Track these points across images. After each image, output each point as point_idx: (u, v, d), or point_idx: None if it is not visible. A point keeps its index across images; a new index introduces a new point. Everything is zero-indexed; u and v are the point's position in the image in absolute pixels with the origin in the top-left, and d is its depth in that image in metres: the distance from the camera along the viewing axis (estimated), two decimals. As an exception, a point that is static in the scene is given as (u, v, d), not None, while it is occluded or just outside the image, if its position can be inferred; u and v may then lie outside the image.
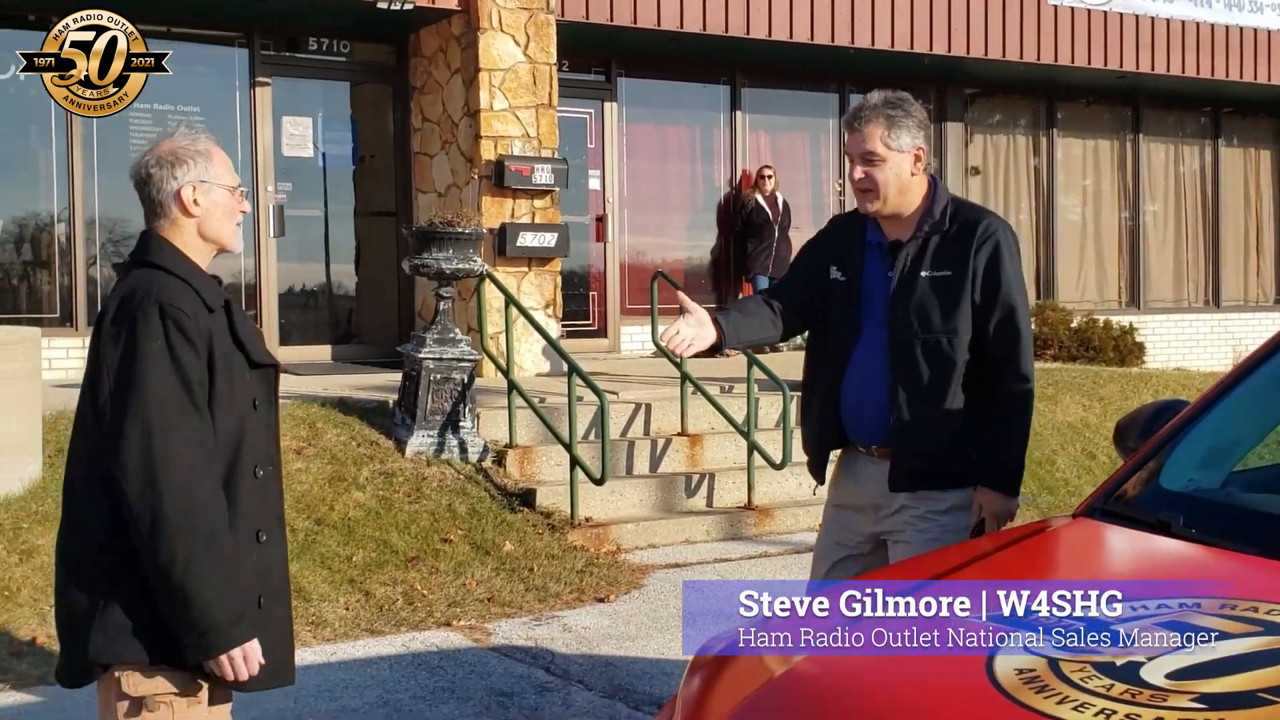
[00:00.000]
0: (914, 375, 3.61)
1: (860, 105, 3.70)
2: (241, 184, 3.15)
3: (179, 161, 3.02)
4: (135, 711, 2.90)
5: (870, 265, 3.73)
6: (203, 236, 3.07)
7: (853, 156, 3.67)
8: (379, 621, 6.38)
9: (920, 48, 13.00)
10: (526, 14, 10.59)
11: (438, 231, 8.12)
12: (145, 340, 2.85)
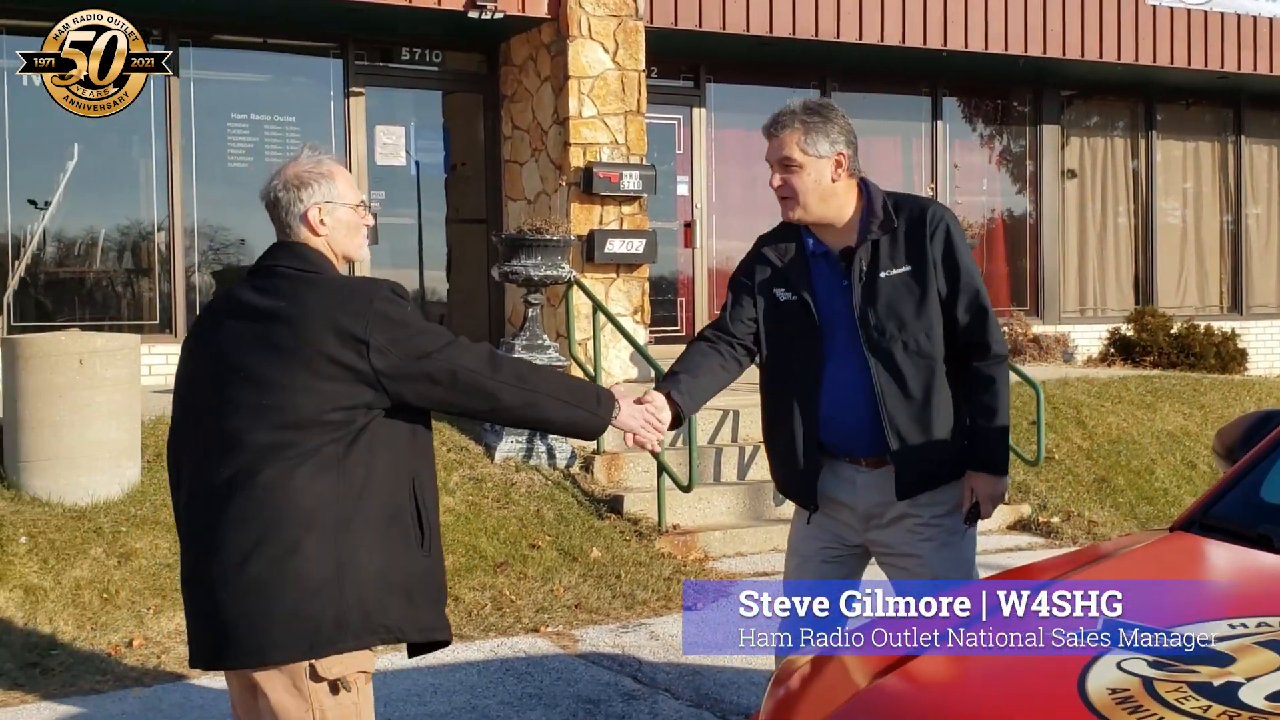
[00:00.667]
0: (899, 379, 3.56)
1: (778, 112, 3.63)
2: (364, 199, 3.29)
3: (304, 184, 3.17)
4: (334, 691, 2.96)
5: (820, 278, 3.65)
6: (332, 252, 3.21)
7: (770, 163, 3.62)
8: (468, 626, 6.42)
9: (1015, 49, 12.81)
10: (615, 21, 10.61)
11: (526, 239, 8.16)
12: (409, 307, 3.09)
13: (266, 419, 3.02)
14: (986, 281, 13.65)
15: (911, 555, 3.62)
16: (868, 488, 3.62)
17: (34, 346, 6.94)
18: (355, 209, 3.21)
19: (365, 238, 3.26)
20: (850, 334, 3.58)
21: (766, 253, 3.74)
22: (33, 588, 6.23)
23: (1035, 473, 9.13)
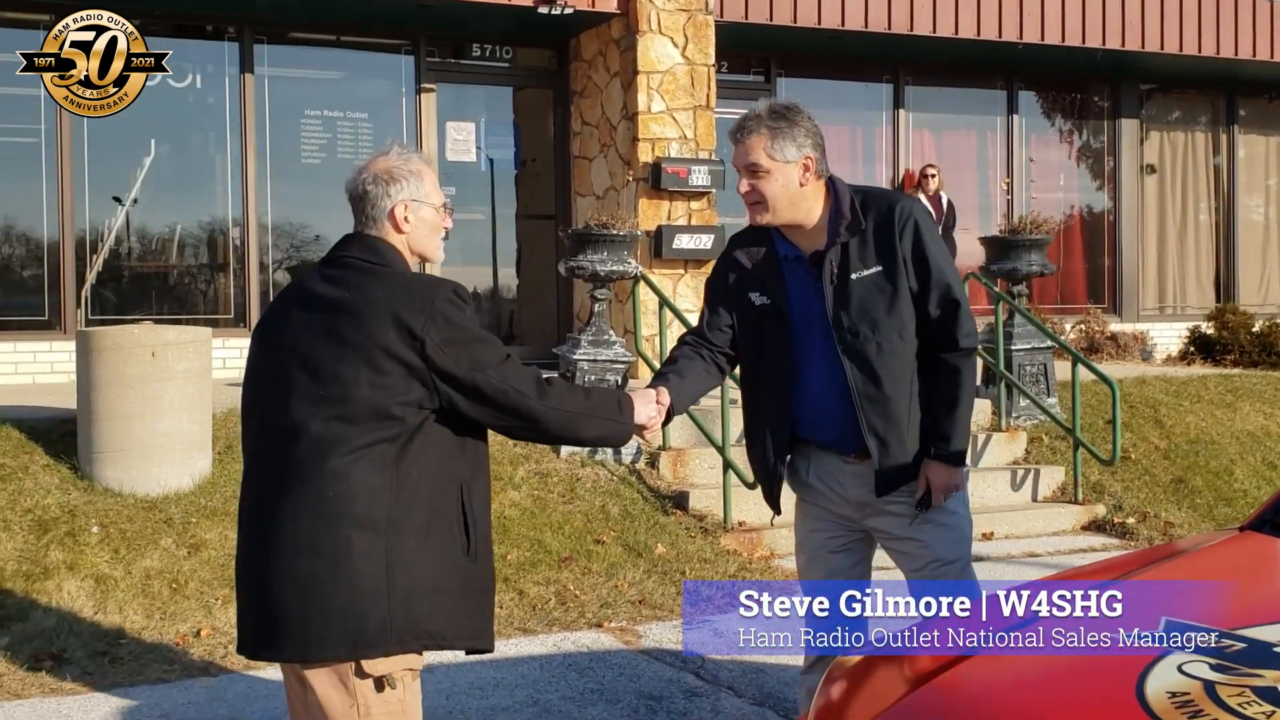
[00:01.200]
0: (874, 381, 3.59)
1: (744, 116, 3.62)
2: (447, 201, 3.28)
3: (393, 180, 3.17)
4: (380, 688, 2.98)
5: (793, 281, 3.67)
6: (410, 250, 3.21)
7: (738, 169, 3.61)
8: (531, 620, 6.42)
9: (1093, 42, 12.59)
10: (685, 15, 10.57)
11: (593, 234, 8.15)
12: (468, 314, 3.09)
13: (324, 410, 3.02)
14: (1064, 277, 13.55)
15: (911, 539, 3.70)
16: (856, 478, 3.70)
17: (107, 339, 7.04)
18: (438, 210, 3.22)
19: (443, 240, 3.26)
20: (824, 336, 3.62)
21: (738, 257, 3.75)
22: (103, 577, 6.32)
23: (1111, 473, 8.96)
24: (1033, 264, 9.71)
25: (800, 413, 3.71)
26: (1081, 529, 8.58)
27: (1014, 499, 8.81)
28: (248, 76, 10.73)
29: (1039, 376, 9.59)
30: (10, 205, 10.43)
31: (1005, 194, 13.64)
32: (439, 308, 3.02)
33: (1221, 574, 2.62)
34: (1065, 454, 9.12)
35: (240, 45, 10.73)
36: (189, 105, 10.86)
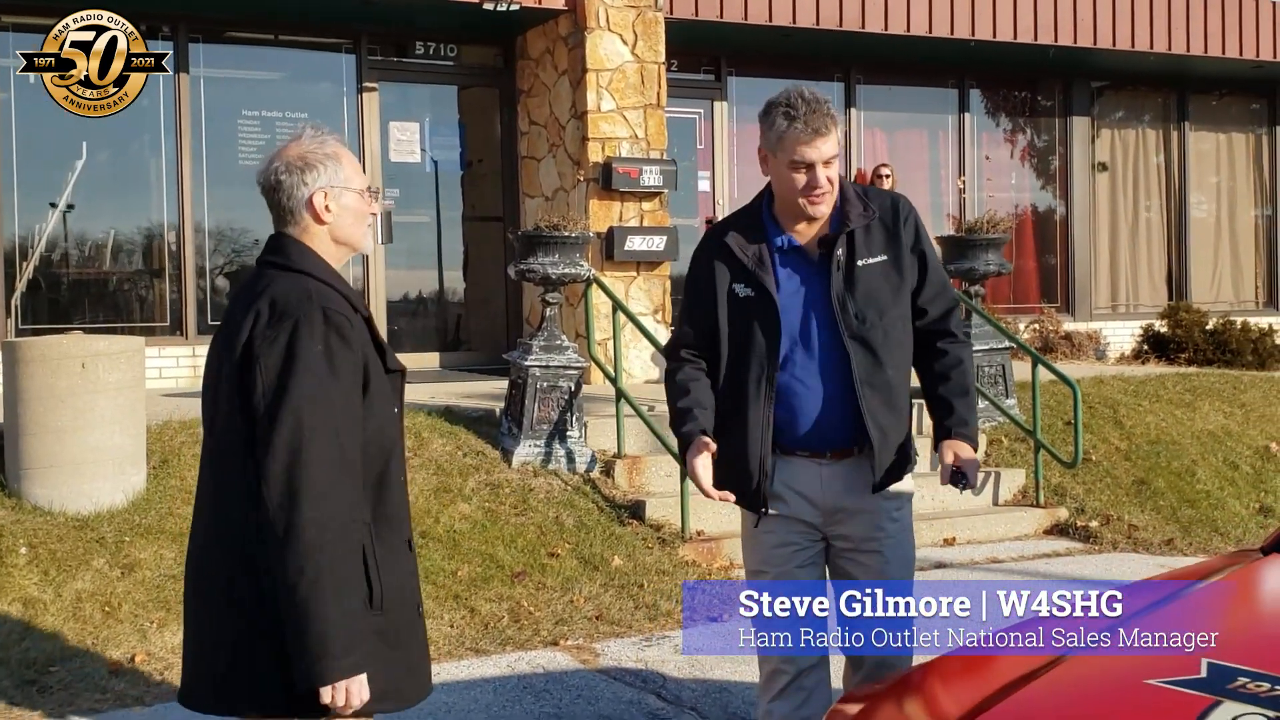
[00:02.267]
0: (878, 368, 3.54)
1: (814, 106, 3.50)
2: (371, 184, 3.03)
3: (309, 167, 2.92)
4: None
5: (786, 271, 3.58)
6: (335, 241, 2.96)
7: (813, 162, 3.47)
8: (484, 640, 6.15)
9: (1045, 39, 12.49)
10: (634, 12, 10.34)
11: (543, 236, 7.89)
12: (306, 346, 2.73)
13: (215, 439, 2.86)
14: (1016, 276, 13.43)
15: (873, 552, 3.61)
16: (833, 480, 3.59)
17: (35, 350, 6.70)
18: (362, 195, 2.97)
19: (371, 228, 3.01)
20: (825, 324, 3.53)
21: (731, 245, 3.61)
22: (32, 600, 5.99)
23: (1072, 475, 8.82)
24: (990, 263, 9.56)
25: (778, 411, 3.57)
26: (1044, 533, 8.43)
27: (975, 503, 8.63)
28: (183, 76, 10.38)
29: (997, 378, 9.43)
30: (-66, 210, 10.02)
31: (960, 193, 13.52)
32: (298, 311, 2.75)
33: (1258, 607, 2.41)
34: (1026, 456, 8.97)
35: (175, 44, 10.37)
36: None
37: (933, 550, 7.92)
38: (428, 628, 6.02)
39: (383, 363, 2.90)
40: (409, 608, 2.91)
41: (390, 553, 2.84)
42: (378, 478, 2.83)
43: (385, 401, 2.88)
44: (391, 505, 2.86)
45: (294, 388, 2.70)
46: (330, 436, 2.70)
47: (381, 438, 2.84)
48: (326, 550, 2.65)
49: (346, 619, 2.67)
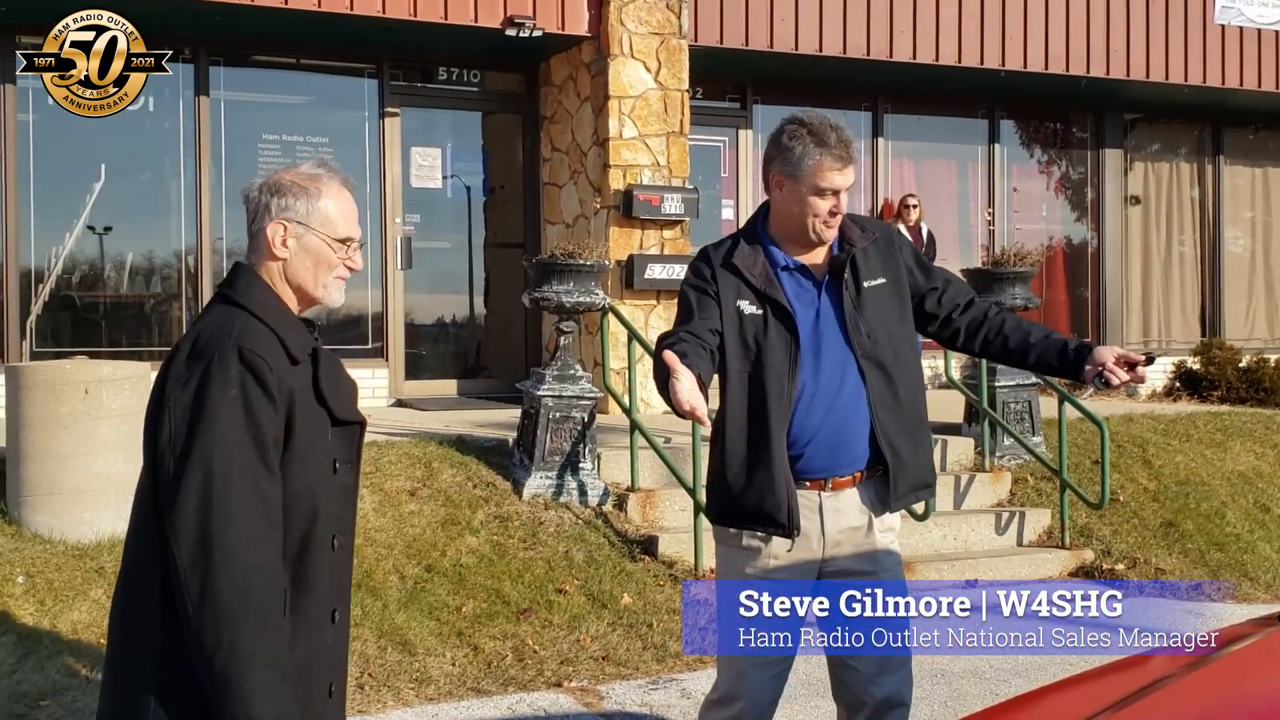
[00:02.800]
0: (891, 388, 3.52)
1: (842, 135, 3.51)
2: (355, 239, 2.74)
3: (280, 192, 2.69)
4: None
5: (794, 291, 3.56)
6: (288, 282, 2.70)
7: (840, 189, 3.48)
8: (486, 680, 5.99)
9: (1077, 70, 12.29)
10: (658, 39, 10.22)
11: (558, 264, 7.75)
12: (218, 388, 2.49)
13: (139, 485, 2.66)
14: (1046, 310, 13.21)
15: (883, 573, 3.57)
16: (834, 513, 3.54)
17: (38, 375, 6.60)
18: (333, 244, 2.68)
19: (338, 284, 2.71)
20: (835, 344, 3.51)
21: (737, 264, 3.55)
22: (27, 632, 5.86)
23: (1099, 516, 8.59)
24: (1017, 297, 9.36)
25: (807, 431, 3.51)
26: (1069, 575, 8.20)
27: (999, 543, 8.43)
28: (203, 99, 10.34)
29: (1024, 414, 9.22)
30: (-48, 231, 9.98)
31: (988, 224, 13.32)
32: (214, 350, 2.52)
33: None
34: (1051, 495, 8.75)
35: (196, 67, 10.34)
36: (142, 129, 10.44)
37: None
38: (429, 666, 5.91)
39: (328, 413, 2.66)
40: (313, 687, 2.62)
41: (307, 624, 2.60)
42: (300, 541, 2.59)
43: (323, 455, 2.64)
44: (314, 572, 2.61)
45: (203, 433, 2.47)
46: (248, 487, 2.47)
47: (311, 497, 2.60)
48: (248, 614, 2.43)
49: (271, 685, 2.45)
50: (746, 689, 3.56)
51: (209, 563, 2.43)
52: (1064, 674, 6.09)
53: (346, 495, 2.74)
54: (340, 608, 2.70)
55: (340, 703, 2.74)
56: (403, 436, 8.17)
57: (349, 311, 10.95)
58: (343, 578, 2.73)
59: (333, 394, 2.67)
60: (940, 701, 5.72)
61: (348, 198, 2.73)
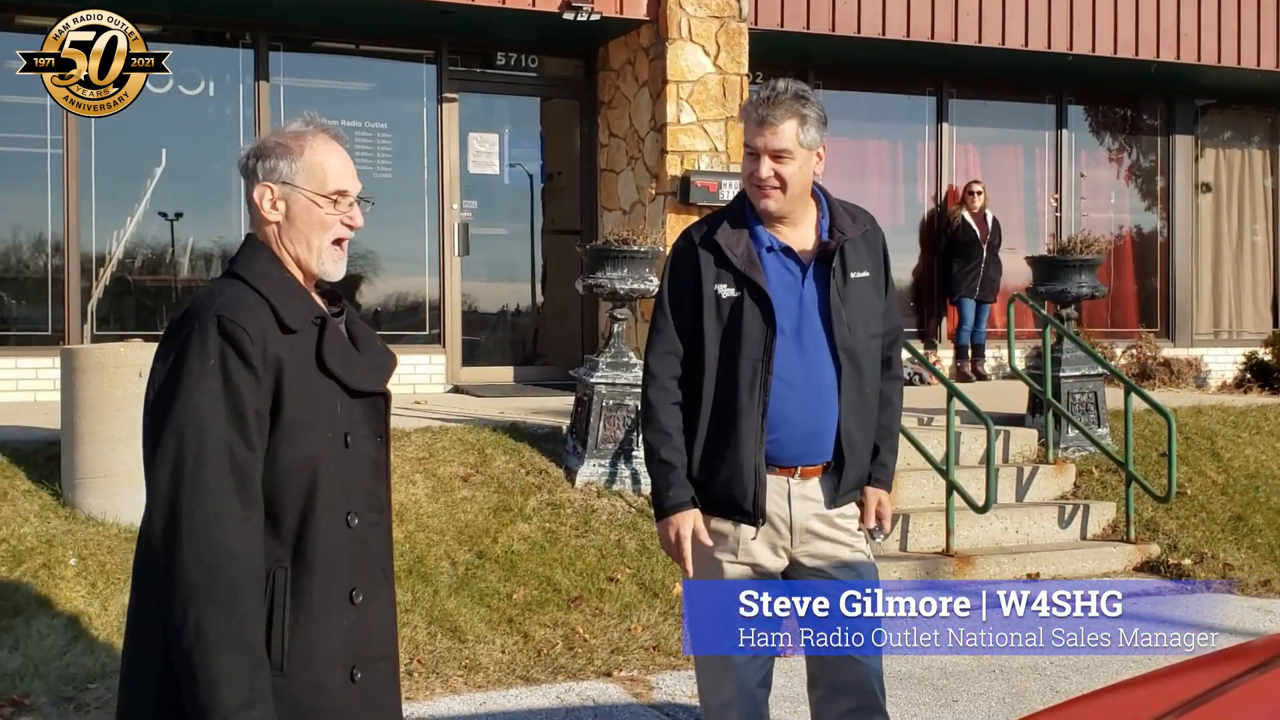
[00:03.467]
0: (860, 381, 3.49)
1: (770, 96, 3.38)
2: (349, 192, 2.61)
3: (264, 155, 2.59)
4: None
5: (776, 273, 3.46)
6: (286, 250, 2.61)
7: (757, 150, 3.39)
8: (535, 668, 5.92)
9: (1146, 54, 12.00)
10: (717, 23, 10.10)
11: (612, 250, 7.67)
12: (195, 359, 2.41)
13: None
14: (1114, 299, 12.95)
15: (850, 564, 3.54)
16: (802, 500, 3.50)
17: (92, 357, 6.62)
18: (322, 200, 2.57)
19: (335, 251, 2.61)
20: (814, 332, 3.45)
21: (720, 242, 3.45)
22: (78, 614, 5.88)
23: (1165, 510, 8.38)
24: (1083, 286, 9.15)
25: (783, 415, 3.45)
26: (1134, 570, 8.00)
27: (1061, 537, 8.24)
28: (263, 85, 10.35)
29: (1089, 405, 9.02)
30: (15, 216, 10.07)
31: (1054, 211, 13.06)
32: (195, 320, 2.45)
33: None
34: (1116, 489, 8.54)
35: (256, 52, 10.36)
36: (203, 115, 10.48)
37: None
38: (478, 653, 5.85)
39: (340, 384, 2.56)
40: (331, 671, 2.52)
41: (310, 605, 2.49)
42: (298, 517, 2.48)
43: (329, 427, 2.53)
44: (317, 551, 2.49)
45: (177, 406, 2.39)
46: (222, 460, 2.37)
47: (309, 472, 2.49)
48: (215, 596, 2.33)
49: (236, 669, 2.34)
50: (732, 674, 3.52)
51: (176, 540, 2.35)
52: (1126, 671, 5.94)
53: (370, 469, 2.64)
54: (363, 588, 2.58)
55: (377, 687, 2.64)
56: (457, 423, 8.13)
57: (407, 298, 10.94)
58: (368, 556, 2.62)
59: (342, 364, 2.57)
60: (999, 697, 5.59)
61: (336, 149, 2.63)
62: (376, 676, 2.64)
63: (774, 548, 3.50)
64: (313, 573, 2.49)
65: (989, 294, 11.93)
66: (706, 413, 3.44)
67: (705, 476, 3.45)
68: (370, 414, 2.64)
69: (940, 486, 7.92)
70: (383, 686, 2.67)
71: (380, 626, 2.67)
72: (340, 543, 2.54)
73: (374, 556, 2.66)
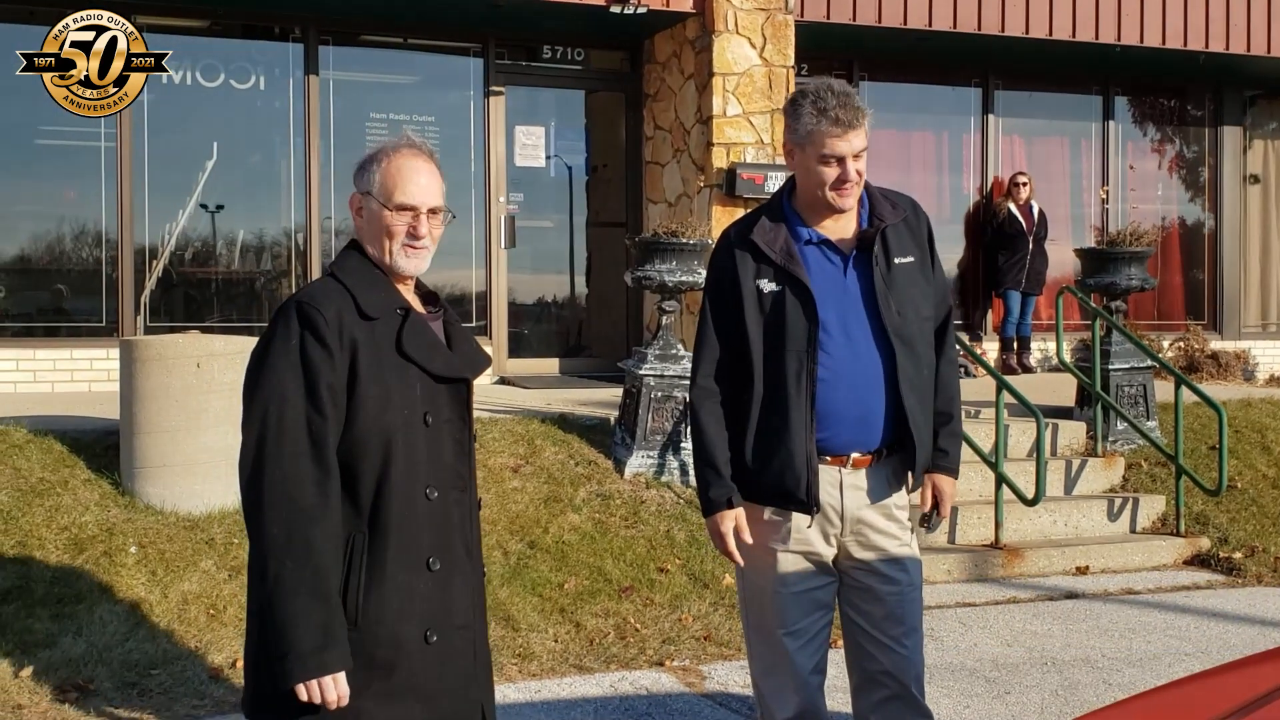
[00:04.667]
0: (916, 365, 3.50)
1: (844, 99, 3.41)
2: (415, 207, 2.85)
3: (362, 166, 2.91)
4: None
5: (818, 265, 3.49)
6: (368, 248, 2.91)
7: (844, 156, 3.40)
8: (588, 657, 5.98)
9: (1195, 45, 11.92)
10: (764, 15, 10.10)
11: (660, 242, 7.71)
12: (280, 340, 2.72)
13: None
14: (1161, 292, 12.88)
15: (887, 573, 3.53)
16: (854, 490, 3.52)
17: (151, 349, 6.72)
18: (388, 211, 2.82)
19: (406, 252, 2.85)
20: (861, 320, 3.46)
21: (756, 241, 3.50)
22: (139, 601, 5.98)
23: (1215, 503, 8.35)
24: (1132, 278, 9.12)
25: (831, 406, 3.48)
26: (1184, 564, 7.98)
27: (1110, 530, 8.23)
28: (312, 79, 10.44)
29: (1138, 398, 8.98)
30: (70, 208, 10.20)
31: (1102, 204, 12.99)
32: (282, 309, 2.77)
33: None
34: (1166, 482, 8.52)
35: (305, 47, 10.44)
36: (253, 108, 10.59)
37: (1064, 579, 7.55)
38: (531, 642, 5.91)
39: (422, 369, 2.80)
40: (406, 629, 2.74)
41: (384, 566, 2.72)
42: (375, 486, 2.72)
43: (407, 407, 2.76)
44: (391, 519, 2.72)
45: (262, 382, 2.68)
46: (300, 428, 2.64)
47: (384, 443, 2.72)
48: (292, 548, 2.58)
49: (311, 615, 2.58)
50: (786, 660, 3.57)
51: (260, 500, 2.62)
52: (1178, 664, 5.93)
53: (452, 448, 2.85)
54: (441, 557, 2.79)
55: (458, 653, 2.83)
56: (506, 414, 8.19)
57: (453, 290, 11.01)
58: (449, 529, 2.82)
59: (421, 351, 2.79)
60: (1051, 690, 5.59)
61: (416, 166, 2.86)
62: (455, 642, 2.83)
63: (826, 535, 3.54)
64: (387, 536, 2.72)
65: (1035, 286, 11.88)
66: (757, 406, 3.48)
67: (759, 467, 3.49)
68: (454, 399, 2.87)
69: (988, 479, 7.92)
70: (461, 653, 2.85)
71: (461, 597, 2.86)
72: (418, 512, 2.76)
73: (456, 530, 2.85)
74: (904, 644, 3.54)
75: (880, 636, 3.54)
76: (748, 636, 3.74)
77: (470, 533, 2.90)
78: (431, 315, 2.94)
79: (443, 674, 2.79)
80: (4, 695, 5.23)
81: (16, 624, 5.66)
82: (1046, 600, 7.12)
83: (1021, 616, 6.77)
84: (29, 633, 5.65)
